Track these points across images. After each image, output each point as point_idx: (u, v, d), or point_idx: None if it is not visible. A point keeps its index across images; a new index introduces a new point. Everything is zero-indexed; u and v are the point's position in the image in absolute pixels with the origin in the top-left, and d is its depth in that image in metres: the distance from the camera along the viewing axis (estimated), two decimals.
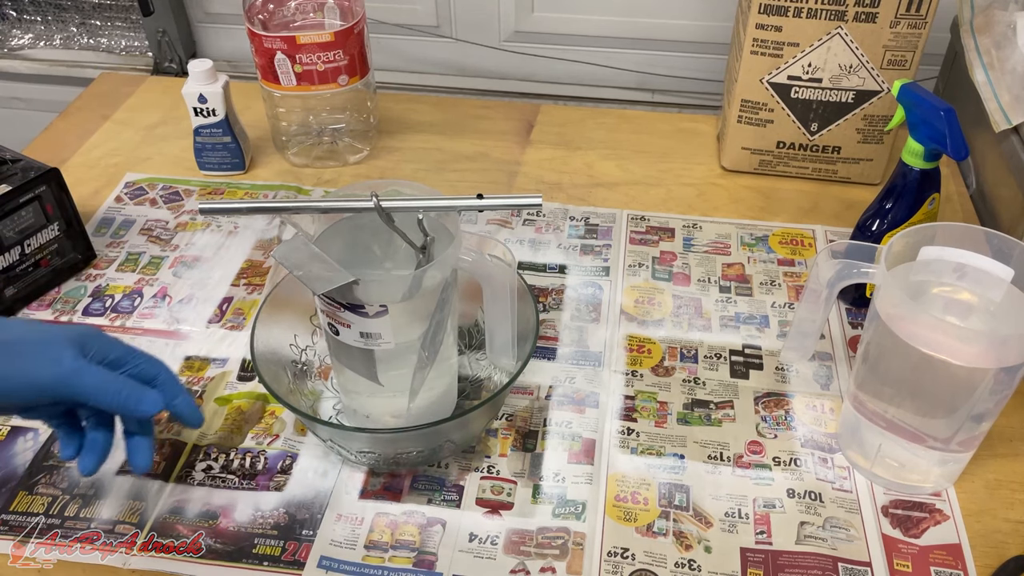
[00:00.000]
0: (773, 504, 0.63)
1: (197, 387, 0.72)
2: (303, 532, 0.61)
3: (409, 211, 0.57)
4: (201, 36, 1.29)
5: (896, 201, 0.73)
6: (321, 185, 0.94)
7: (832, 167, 0.93)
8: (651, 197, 0.92)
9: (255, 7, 0.88)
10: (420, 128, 1.03)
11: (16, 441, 0.68)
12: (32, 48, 1.34)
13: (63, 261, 0.81)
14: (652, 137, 1.02)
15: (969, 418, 0.58)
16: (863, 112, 0.88)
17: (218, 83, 0.89)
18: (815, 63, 0.85)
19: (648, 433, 0.68)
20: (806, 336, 0.66)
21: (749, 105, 0.90)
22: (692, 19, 1.13)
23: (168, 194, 0.93)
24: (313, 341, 0.71)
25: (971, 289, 0.59)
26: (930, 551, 0.60)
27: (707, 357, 0.74)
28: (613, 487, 0.64)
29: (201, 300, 0.80)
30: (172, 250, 0.86)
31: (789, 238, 0.87)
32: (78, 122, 1.04)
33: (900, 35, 0.82)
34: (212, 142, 0.93)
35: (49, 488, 0.64)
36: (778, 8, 0.82)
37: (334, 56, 0.88)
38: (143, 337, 0.76)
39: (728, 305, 0.79)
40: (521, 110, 1.07)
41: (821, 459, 0.66)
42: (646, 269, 0.83)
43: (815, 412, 0.69)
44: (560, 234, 0.87)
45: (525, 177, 0.95)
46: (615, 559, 0.59)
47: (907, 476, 0.63)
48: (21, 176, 0.76)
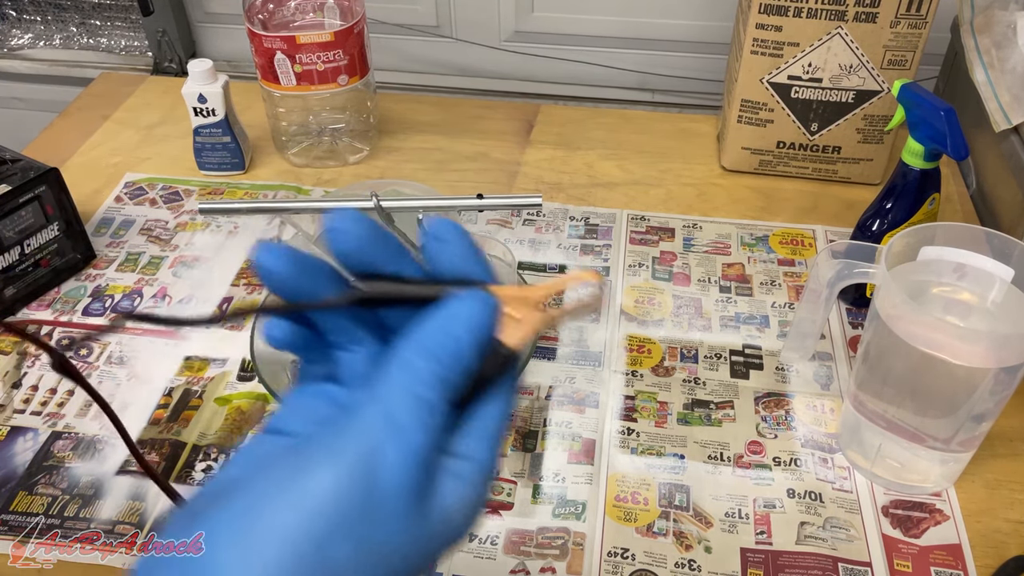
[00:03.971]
0: (773, 504, 0.63)
1: (197, 387, 0.72)
2: None
3: (409, 211, 0.57)
4: (201, 36, 1.29)
5: (896, 201, 0.73)
6: (321, 185, 0.94)
7: (832, 167, 0.93)
8: (651, 197, 0.92)
9: (255, 7, 0.88)
10: (420, 128, 1.03)
11: (16, 441, 0.68)
12: (32, 48, 1.34)
13: (63, 261, 0.81)
14: (652, 137, 1.02)
15: (969, 418, 0.58)
16: (863, 112, 0.88)
17: (218, 83, 0.89)
18: (815, 63, 0.85)
19: (648, 433, 0.68)
20: (806, 336, 0.66)
21: (749, 105, 0.90)
22: (692, 19, 1.13)
23: (168, 194, 0.93)
24: None
25: (971, 289, 0.59)
26: (930, 551, 0.60)
27: (707, 357, 0.74)
28: (613, 487, 0.64)
29: (201, 300, 0.80)
30: (172, 250, 0.86)
31: (789, 238, 0.87)
32: (78, 122, 1.04)
33: (900, 35, 0.82)
34: (212, 142, 0.93)
35: (49, 488, 0.64)
36: (778, 8, 0.82)
37: (334, 56, 0.88)
38: (143, 337, 0.76)
39: (728, 305, 0.79)
40: (521, 110, 1.07)
41: (821, 459, 0.66)
42: (646, 269, 0.83)
43: (815, 412, 0.69)
44: (560, 234, 0.87)
45: (525, 177, 0.95)
46: (615, 559, 0.59)
47: (907, 476, 0.63)
48: (21, 176, 0.76)
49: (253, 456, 0.31)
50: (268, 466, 0.29)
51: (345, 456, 0.27)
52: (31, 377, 0.73)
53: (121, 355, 0.75)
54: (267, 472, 0.28)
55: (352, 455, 0.27)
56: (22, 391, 0.72)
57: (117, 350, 0.75)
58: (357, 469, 0.27)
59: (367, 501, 0.27)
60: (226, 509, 0.28)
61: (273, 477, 0.28)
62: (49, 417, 0.69)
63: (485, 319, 0.30)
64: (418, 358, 0.28)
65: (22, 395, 0.71)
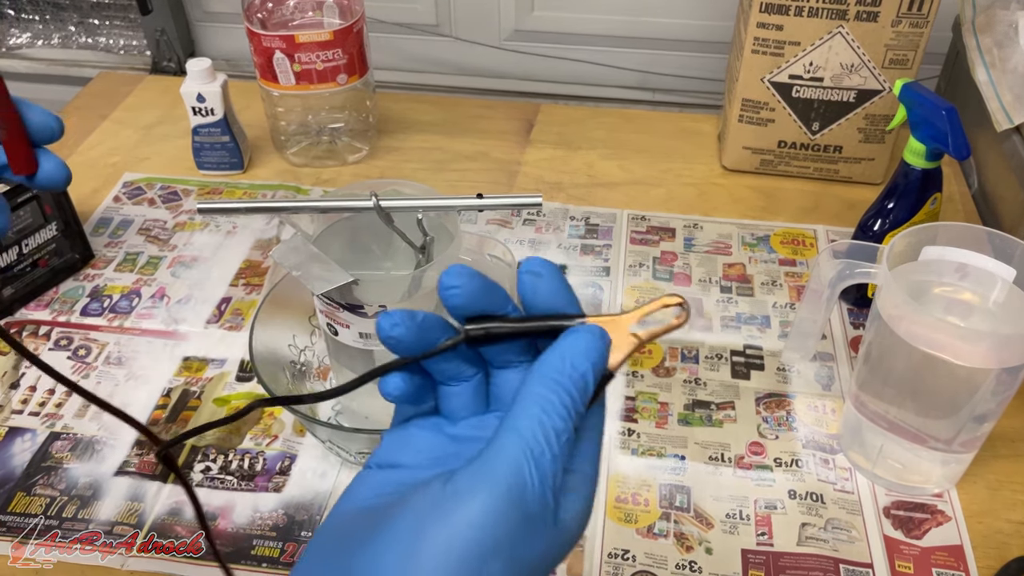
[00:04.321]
0: (774, 505, 0.63)
1: (195, 388, 0.71)
2: (302, 533, 0.61)
3: (409, 211, 0.57)
4: (199, 35, 1.29)
5: (898, 201, 0.72)
6: (320, 185, 0.94)
7: (833, 167, 0.92)
8: (652, 197, 0.92)
9: (254, 6, 0.87)
10: (420, 128, 1.03)
11: (14, 442, 0.67)
12: (30, 47, 1.34)
13: (61, 261, 0.81)
14: (653, 137, 1.01)
15: (971, 419, 0.58)
16: (864, 111, 0.87)
17: (216, 82, 0.88)
18: (816, 62, 0.85)
19: (649, 434, 0.68)
20: (807, 336, 0.65)
21: (750, 104, 0.89)
22: (693, 18, 1.13)
23: (166, 194, 0.93)
24: (312, 341, 0.70)
25: (973, 289, 0.59)
26: (932, 552, 0.60)
27: (708, 358, 0.74)
28: (614, 488, 0.64)
29: (199, 300, 0.80)
30: (170, 250, 0.85)
31: (790, 238, 0.86)
32: (76, 121, 1.04)
33: (902, 34, 0.82)
34: (211, 141, 0.92)
35: (47, 489, 0.64)
36: (779, 7, 0.82)
37: (333, 55, 0.87)
38: (141, 338, 0.76)
39: (729, 305, 0.79)
40: (521, 110, 1.07)
41: (822, 460, 0.66)
42: (647, 269, 0.83)
43: (816, 413, 0.69)
44: (560, 234, 0.87)
45: (525, 177, 0.95)
46: (616, 560, 0.59)
47: (909, 477, 0.63)
48: None
49: (376, 487, 0.34)
50: (410, 495, 0.31)
51: (498, 486, 0.30)
52: (29, 378, 0.73)
53: (120, 355, 0.74)
54: (414, 500, 0.31)
55: (503, 484, 0.30)
56: (20, 391, 0.71)
57: (116, 350, 0.75)
58: (509, 496, 0.30)
59: (518, 524, 0.30)
60: (389, 531, 0.30)
61: (423, 505, 0.30)
62: (47, 418, 0.69)
63: (601, 351, 0.34)
64: (549, 392, 0.32)
65: (20, 396, 0.71)
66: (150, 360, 0.74)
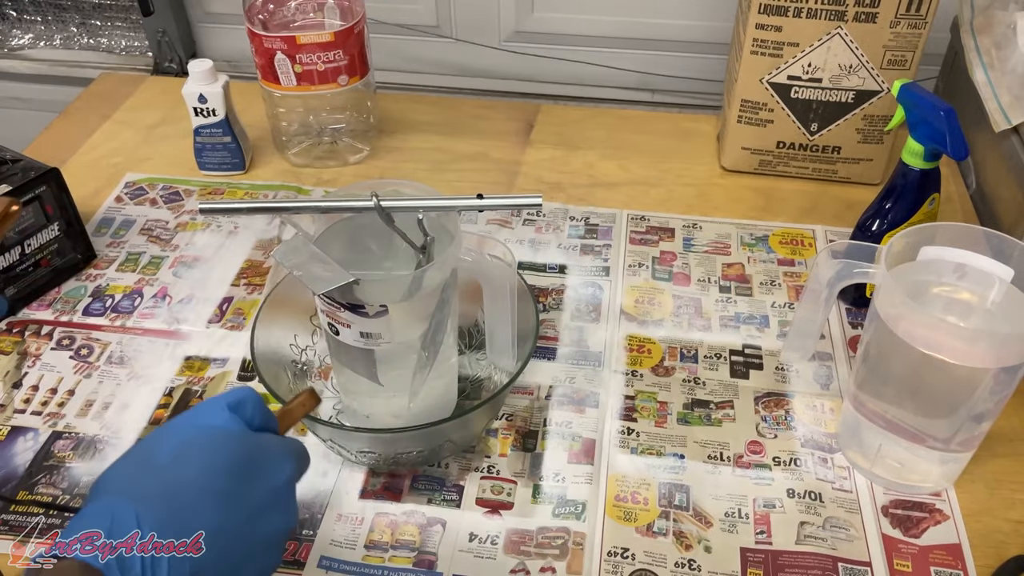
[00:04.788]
0: (773, 504, 0.63)
1: (197, 387, 0.72)
2: (303, 532, 0.61)
3: (409, 211, 0.57)
4: (201, 36, 1.29)
5: (896, 201, 0.73)
6: (321, 185, 0.94)
7: (832, 167, 0.93)
8: (651, 197, 0.92)
9: (255, 7, 0.88)
10: (420, 128, 1.03)
11: (16, 441, 0.68)
12: (32, 48, 1.34)
13: (63, 261, 0.81)
14: (652, 137, 1.02)
15: (969, 418, 0.58)
16: (863, 112, 0.88)
17: (218, 83, 0.89)
18: (815, 63, 0.85)
19: (648, 433, 0.68)
20: (806, 336, 0.66)
21: (749, 105, 0.90)
22: (692, 19, 1.13)
23: (168, 194, 0.93)
24: (313, 341, 0.71)
25: (971, 289, 0.59)
26: (930, 551, 0.60)
27: (707, 357, 0.74)
28: (613, 487, 0.64)
29: (201, 300, 0.80)
30: (172, 250, 0.86)
31: (789, 238, 0.87)
32: (78, 122, 1.04)
33: (900, 35, 0.82)
34: (212, 142, 0.93)
35: (49, 488, 0.64)
36: (778, 8, 0.82)
37: (334, 56, 0.88)
38: (143, 337, 0.76)
39: (728, 305, 0.79)
40: (521, 110, 1.07)
41: (821, 459, 0.66)
42: (646, 269, 0.83)
43: (815, 412, 0.69)
44: (560, 234, 0.87)
45: (525, 177, 0.95)
46: (615, 559, 0.59)
47: (907, 476, 0.63)
48: (21, 176, 0.76)
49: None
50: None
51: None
52: (31, 377, 0.73)
53: (122, 355, 0.75)
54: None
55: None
56: (23, 391, 0.72)
57: (118, 350, 0.75)
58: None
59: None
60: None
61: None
62: (49, 417, 0.69)
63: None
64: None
65: (22, 395, 0.71)
66: (152, 360, 0.74)
